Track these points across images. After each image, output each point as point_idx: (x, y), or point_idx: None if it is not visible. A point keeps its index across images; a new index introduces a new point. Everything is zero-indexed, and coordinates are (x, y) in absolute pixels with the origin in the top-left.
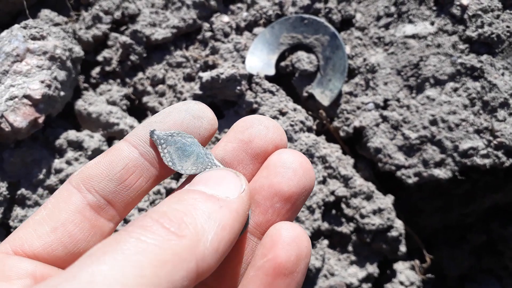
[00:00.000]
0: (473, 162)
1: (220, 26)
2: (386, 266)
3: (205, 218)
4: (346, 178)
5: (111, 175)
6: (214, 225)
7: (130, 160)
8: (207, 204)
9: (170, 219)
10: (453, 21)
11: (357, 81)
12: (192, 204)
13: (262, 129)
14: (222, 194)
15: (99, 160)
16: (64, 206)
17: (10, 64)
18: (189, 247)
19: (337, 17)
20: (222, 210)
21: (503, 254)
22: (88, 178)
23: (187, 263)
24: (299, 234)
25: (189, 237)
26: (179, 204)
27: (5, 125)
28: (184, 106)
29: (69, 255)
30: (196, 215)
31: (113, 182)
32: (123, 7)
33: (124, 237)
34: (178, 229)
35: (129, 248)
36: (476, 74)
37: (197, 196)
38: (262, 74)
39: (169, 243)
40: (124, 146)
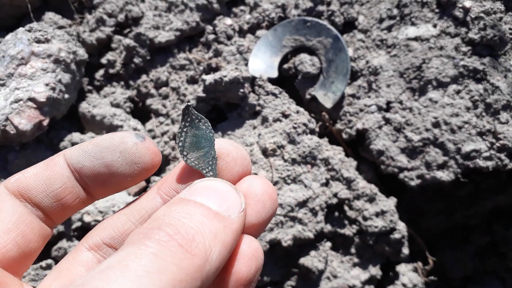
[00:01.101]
0: (475, 164)
1: (223, 29)
2: (389, 268)
3: (212, 237)
4: (349, 181)
5: (49, 191)
6: (219, 245)
7: (68, 180)
8: (213, 223)
9: (184, 236)
10: (455, 23)
11: (360, 84)
12: (201, 221)
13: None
14: (225, 212)
15: (37, 172)
16: (9, 208)
17: (15, 67)
18: (198, 267)
19: (340, 20)
20: (226, 230)
21: (506, 256)
22: (25, 189)
23: (195, 282)
24: (257, 248)
25: (199, 256)
26: (188, 219)
27: (10, 127)
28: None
29: (22, 255)
30: (205, 233)
31: (50, 198)
32: (127, 10)
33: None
34: (191, 248)
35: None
36: (478, 76)
37: (205, 212)
38: (265, 76)
39: (184, 262)
40: (62, 164)
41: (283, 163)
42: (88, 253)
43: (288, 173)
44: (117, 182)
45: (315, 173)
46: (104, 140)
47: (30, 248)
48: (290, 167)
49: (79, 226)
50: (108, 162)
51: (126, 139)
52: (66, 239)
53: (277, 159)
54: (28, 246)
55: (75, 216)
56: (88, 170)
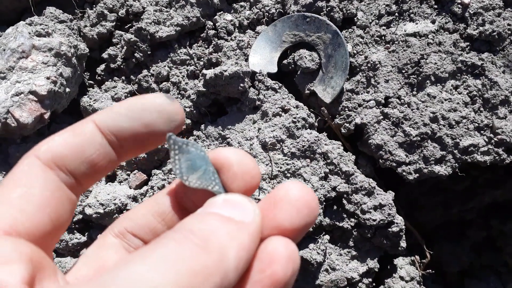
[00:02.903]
0: (473, 159)
1: (224, 24)
2: (387, 261)
3: (227, 238)
4: (348, 175)
5: (83, 158)
6: (235, 245)
7: (101, 146)
8: (227, 226)
9: (198, 236)
10: (454, 19)
11: (359, 79)
12: (214, 224)
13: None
14: (238, 217)
15: (68, 139)
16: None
17: (15, 60)
18: (215, 262)
19: (339, 16)
20: (240, 232)
21: (503, 250)
22: (60, 158)
23: (213, 277)
24: (294, 251)
25: (215, 253)
26: (201, 224)
27: (11, 120)
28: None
29: (55, 230)
30: (219, 234)
31: (85, 164)
32: (128, 5)
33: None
34: (206, 245)
35: (169, 254)
36: (477, 72)
37: (217, 217)
38: (265, 71)
39: (200, 257)
40: (93, 129)
41: (283, 157)
42: (115, 239)
43: (287, 167)
44: (154, 140)
45: (314, 167)
46: (137, 102)
47: (62, 222)
48: (289, 161)
49: (80, 218)
50: (147, 121)
51: (159, 99)
52: (67, 232)
53: (277, 153)
54: (60, 221)
55: (76, 209)
56: (126, 131)
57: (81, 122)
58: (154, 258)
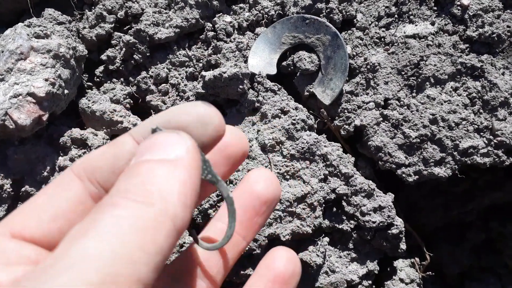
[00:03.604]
0: (473, 161)
1: (223, 26)
2: (387, 264)
3: (165, 181)
4: (347, 176)
5: (115, 168)
6: (175, 184)
7: (133, 155)
8: (161, 168)
9: (135, 192)
10: (453, 21)
11: (358, 81)
12: (148, 173)
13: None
14: (171, 156)
15: (104, 151)
16: (65, 194)
17: (14, 62)
18: (160, 211)
19: (338, 17)
20: (177, 169)
21: (503, 253)
22: (91, 169)
23: (164, 224)
24: (294, 256)
25: (158, 202)
26: (136, 178)
27: (9, 122)
28: (192, 108)
29: None
30: (156, 181)
31: (116, 175)
32: (127, 6)
33: (99, 216)
34: (146, 198)
35: (108, 223)
36: (476, 73)
37: (149, 164)
38: (264, 73)
39: (143, 212)
40: (128, 140)
41: (282, 159)
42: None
43: (286, 168)
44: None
45: (313, 169)
46: (175, 109)
47: None
48: (288, 163)
49: None
50: (184, 125)
51: (197, 105)
52: None
53: (276, 155)
54: None
55: None
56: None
57: (121, 136)
58: (94, 231)
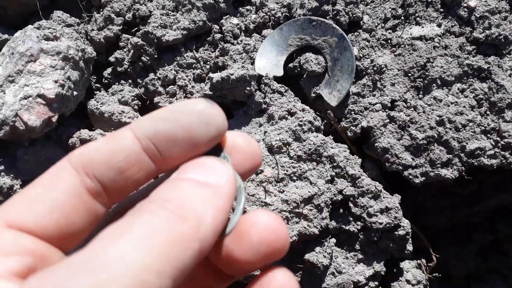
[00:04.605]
0: (480, 162)
1: (230, 28)
2: (393, 265)
3: (202, 202)
4: (354, 178)
5: (112, 163)
6: (210, 208)
7: (132, 152)
8: (202, 190)
9: (173, 204)
10: (460, 22)
11: (365, 82)
12: (189, 191)
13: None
14: (213, 181)
15: (101, 145)
16: (62, 186)
17: (24, 64)
18: (192, 228)
19: (345, 19)
20: (215, 195)
21: (509, 254)
22: (88, 162)
23: (192, 243)
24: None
25: (192, 219)
26: (176, 192)
27: (19, 123)
28: (194, 107)
29: (63, 235)
30: (195, 200)
31: (113, 171)
32: (134, 9)
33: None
34: (182, 213)
35: (145, 228)
36: (483, 75)
37: (192, 183)
38: (271, 75)
39: (176, 225)
40: (128, 135)
41: (289, 160)
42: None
43: (293, 170)
44: (193, 144)
45: (320, 170)
46: (177, 106)
47: (73, 229)
48: (295, 164)
49: None
50: (185, 124)
51: (200, 103)
52: None
53: (283, 156)
54: (71, 228)
55: None
56: (163, 135)
57: (120, 129)
58: (130, 236)
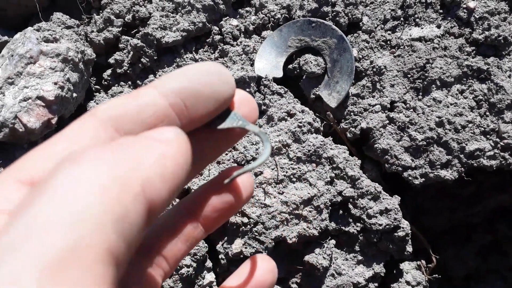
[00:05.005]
0: (479, 163)
1: (229, 30)
2: (393, 266)
3: (144, 150)
4: (353, 179)
5: (142, 119)
6: (154, 155)
7: (159, 108)
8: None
9: (103, 151)
10: (459, 24)
11: (364, 83)
12: (128, 143)
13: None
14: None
15: (128, 101)
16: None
17: (23, 66)
18: (129, 170)
19: (344, 20)
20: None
21: (509, 255)
22: (117, 118)
23: (131, 187)
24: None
25: (128, 163)
26: (114, 144)
27: (18, 125)
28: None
29: None
30: (134, 149)
31: (142, 126)
32: (134, 10)
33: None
34: (116, 159)
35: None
36: (482, 76)
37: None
38: (270, 76)
39: (108, 170)
40: (153, 92)
41: (288, 161)
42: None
43: (293, 171)
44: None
45: (320, 172)
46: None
47: None
48: (295, 166)
49: None
50: (209, 81)
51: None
52: None
53: (283, 157)
54: None
55: None
56: (190, 91)
57: (143, 87)
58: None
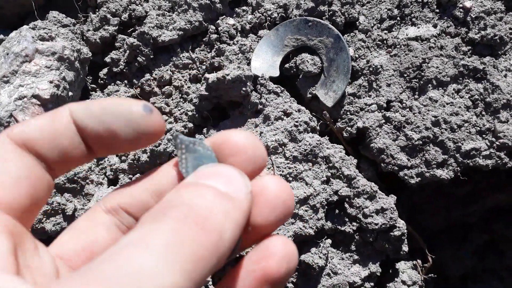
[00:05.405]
0: (475, 163)
1: (226, 29)
2: (389, 266)
3: (224, 216)
4: (350, 178)
5: (55, 144)
6: (231, 223)
7: (75, 136)
8: (224, 203)
9: (198, 214)
10: (455, 23)
11: (361, 83)
12: (211, 200)
13: (244, 161)
14: (233, 194)
15: (43, 125)
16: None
17: (19, 64)
18: (214, 243)
19: (341, 20)
20: (235, 210)
21: (505, 254)
22: (31, 140)
23: (212, 259)
24: (292, 251)
25: (214, 233)
26: (199, 199)
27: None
28: (128, 114)
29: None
30: (217, 212)
31: (56, 152)
32: (130, 9)
33: (162, 228)
34: (205, 225)
35: (170, 241)
36: (478, 75)
37: (213, 192)
38: (267, 75)
39: (201, 238)
40: (69, 119)
41: (285, 160)
42: (106, 215)
43: (289, 170)
44: (118, 146)
45: (316, 171)
46: (111, 105)
47: (39, 198)
48: (291, 165)
49: None
50: (112, 127)
51: (133, 108)
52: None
53: (279, 156)
54: (37, 197)
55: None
56: (91, 131)
57: (60, 108)
58: (156, 244)
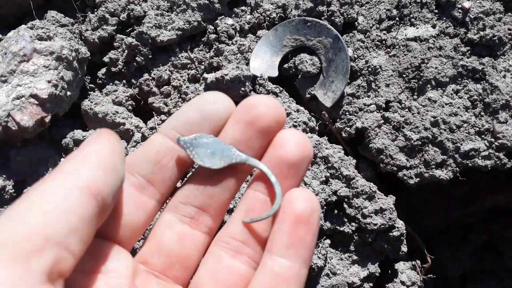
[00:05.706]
0: (474, 163)
1: (225, 29)
2: (388, 266)
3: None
4: (348, 179)
5: (147, 157)
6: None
7: (162, 145)
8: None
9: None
10: (454, 24)
11: (359, 83)
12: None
13: (264, 109)
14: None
15: (137, 149)
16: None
17: (17, 64)
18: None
19: (340, 20)
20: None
21: (504, 255)
22: (129, 165)
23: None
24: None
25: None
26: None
27: (12, 124)
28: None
29: (127, 232)
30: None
31: (149, 163)
32: (129, 9)
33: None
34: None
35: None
36: (477, 76)
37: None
38: (266, 75)
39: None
40: (157, 135)
41: None
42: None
43: None
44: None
45: (315, 171)
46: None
47: (134, 225)
48: None
49: None
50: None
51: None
52: None
53: None
54: (132, 224)
55: None
56: (182, 122)
57: (153, 135)
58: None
